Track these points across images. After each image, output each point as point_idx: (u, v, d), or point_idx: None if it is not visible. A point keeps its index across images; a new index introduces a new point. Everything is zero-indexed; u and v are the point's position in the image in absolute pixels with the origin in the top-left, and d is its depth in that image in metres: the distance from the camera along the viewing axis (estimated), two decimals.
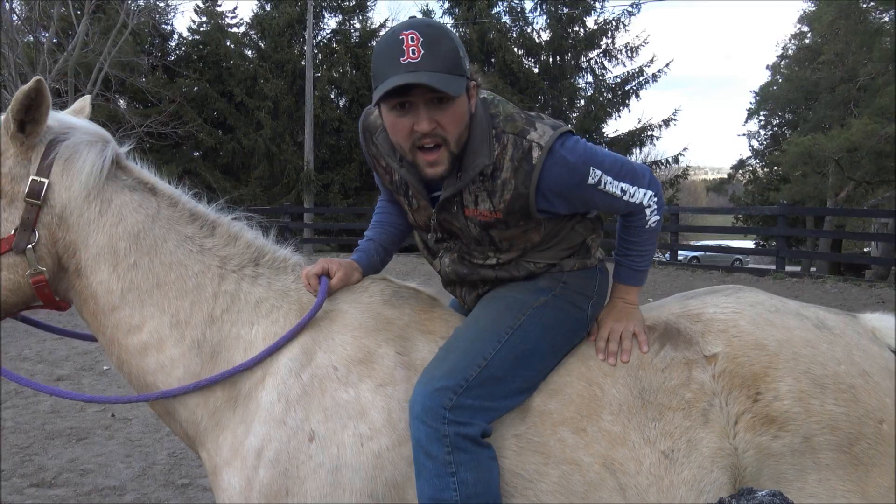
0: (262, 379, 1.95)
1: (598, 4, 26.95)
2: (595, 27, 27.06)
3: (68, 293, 2.03)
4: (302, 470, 1.85)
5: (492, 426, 1.89)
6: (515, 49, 26.91)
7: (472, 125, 1.91)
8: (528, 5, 29.24)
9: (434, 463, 1.80)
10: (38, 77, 1.89)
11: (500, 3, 27.51)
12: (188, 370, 1.97)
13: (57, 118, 2.02)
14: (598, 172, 1.94)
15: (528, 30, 27.48)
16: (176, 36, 31.46)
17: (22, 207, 1.92)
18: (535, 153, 1.88)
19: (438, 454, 1.79)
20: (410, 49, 1.75)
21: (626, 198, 1.99)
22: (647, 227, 2.08)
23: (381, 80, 1.79)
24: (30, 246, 1.92)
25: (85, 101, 2.29)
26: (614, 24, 27.08)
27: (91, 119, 2.18)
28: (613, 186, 1.97)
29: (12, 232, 1.92)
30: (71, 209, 1.95)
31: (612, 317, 2.08)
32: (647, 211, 2.05)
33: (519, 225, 1.99)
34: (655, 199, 2.04)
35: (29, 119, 1.92)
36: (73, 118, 2.08)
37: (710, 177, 53.75)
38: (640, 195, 2.01)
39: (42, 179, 1.93)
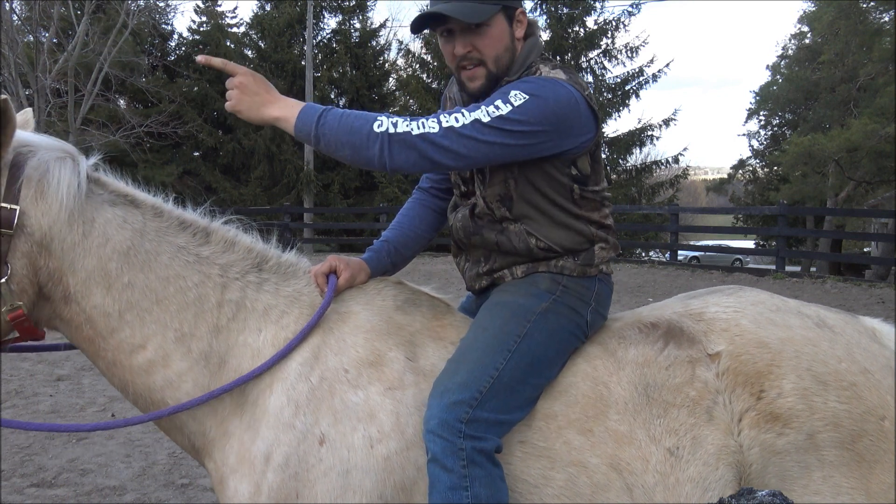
0: (270, 384, 1.91)
1: (598, 4, 26.91)
2: (595, 27, 27.00)
3: (53, 321, 1.93)
4: (312, 473, 1.82)
5: (502, 442, 1.88)
6: None
7: (517, 57, 2.07)
8: (528, 5, 29.18)
9: (450, 476, 1.78)
10: (3, 96, 1.73)
11: None
12: (197, 383, 1.91)
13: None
14: (508, 98, 1.89)
15: None
16: (176, 36, 31.62)
17: None
18: None
19: (455, 467, 1.78)
20: None
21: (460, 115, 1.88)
22: (374, 126, 1.83)
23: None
24: (3, 280, 1.77)
25: (27, 115, 2.06)
26: (614, 24, 27.03)
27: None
28: (487, 109, 1.88)
29: None
30: (52, 235, 1.83)
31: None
32: (390, 124, 1.84)
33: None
34: (437, 129, 1.85)
35: None
36: (27, 134, 1.90)
37: (710, 177, 53.83)
38: (430, 120, 1.86)
39: (12, 206, 1.77)
